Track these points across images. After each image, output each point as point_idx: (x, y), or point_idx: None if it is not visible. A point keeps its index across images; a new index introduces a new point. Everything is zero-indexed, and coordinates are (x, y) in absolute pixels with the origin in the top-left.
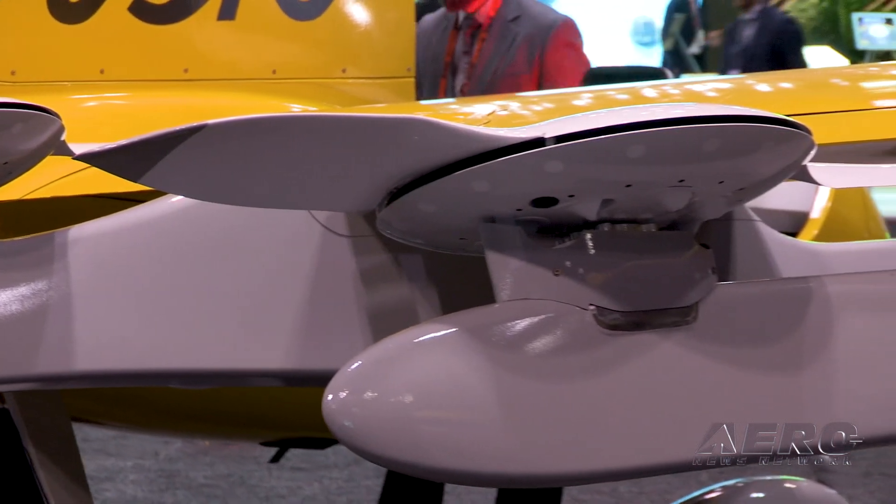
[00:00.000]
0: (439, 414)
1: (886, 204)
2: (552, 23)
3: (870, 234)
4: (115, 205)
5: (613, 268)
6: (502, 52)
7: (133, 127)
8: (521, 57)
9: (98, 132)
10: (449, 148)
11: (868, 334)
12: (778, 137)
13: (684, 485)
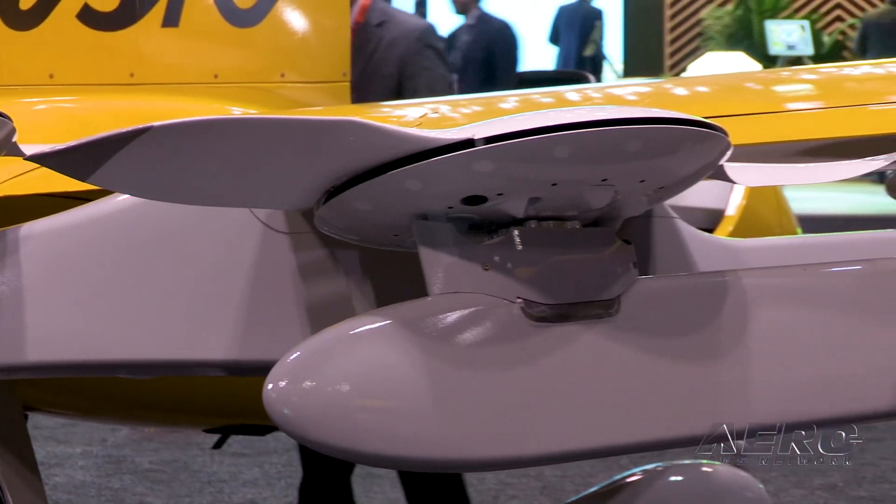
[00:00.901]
0: (374, 402)
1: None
2: (415, 28)
3: (782, 230)
4: (65, 203)
5: (540, 262)
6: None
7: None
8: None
9: (48, 134)
10: (383, 149)
11: (782, 326)
12: (696, 138)
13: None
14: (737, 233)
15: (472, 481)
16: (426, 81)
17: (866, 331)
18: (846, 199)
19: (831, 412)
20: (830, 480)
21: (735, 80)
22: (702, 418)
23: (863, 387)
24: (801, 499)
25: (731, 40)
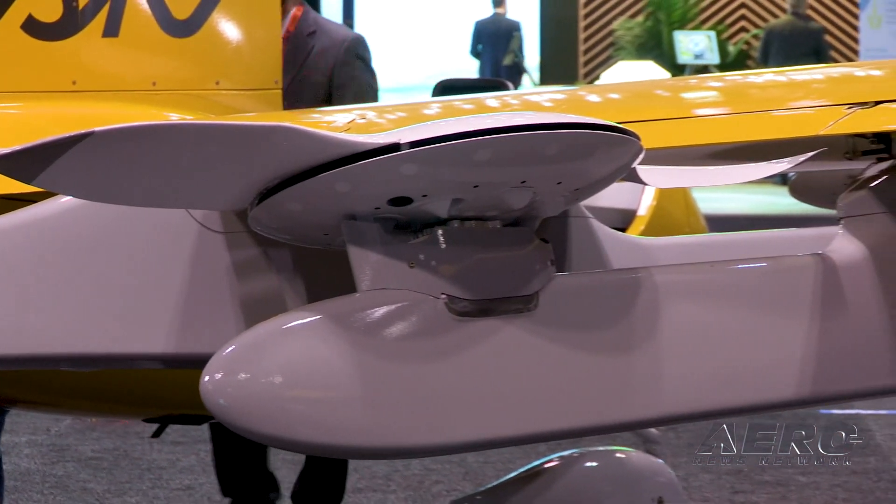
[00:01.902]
0: (305, 393)
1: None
2: (344, 38)
3: (691, 229)
4: (10, 205)
5: (462, 260)
6: (300, 63)
7: (26, 134)
8: (317, 67)
9: None
10: (314, 152)
11: (691, 319)
12: (610, 142)
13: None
14: (648, 232)
15: (398, 467)
16: (354, 90)
17: (770, 324)
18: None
19: (739, 402)
20: (737, 466)
21: (645, 87)
22: (616, 408)
23: (768, 377)
24: (709, 483)
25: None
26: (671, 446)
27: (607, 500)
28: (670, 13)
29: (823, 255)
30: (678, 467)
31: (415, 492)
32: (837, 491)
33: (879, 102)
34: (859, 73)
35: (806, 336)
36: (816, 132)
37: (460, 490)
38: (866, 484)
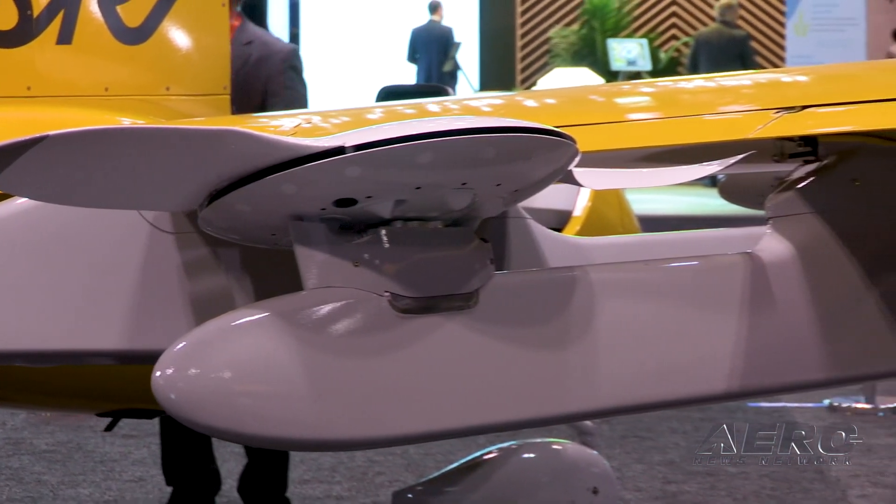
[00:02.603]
0: (253, 387)
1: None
2: (280, 50)
3: (624, 229)
4: None
5: (405, 259)
6: (235, 71)
7: None
8: (253, 76)
9: None
10: (262, 156)
11: (625, 316)
12: (547, 146)
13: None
14: (583, 232)
15: (342, 459)
16: (287, 98)
17: (701, 320)
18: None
19: (671, 395)
20: (668, 457)
21: (581, 93)
22: (553, 401)
23: (699, 372)
24: (641, 473)
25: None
26: (605, 438)
27: (544, 489)
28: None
29: (752, 254)
30: (612, 458)
31: (359, 482)
32: (765, 480)
33: (806, 107)
34: (786, 79)
35: (735, 332)
36: (745, 136)
37: (402, 481)
38: (792, 474)
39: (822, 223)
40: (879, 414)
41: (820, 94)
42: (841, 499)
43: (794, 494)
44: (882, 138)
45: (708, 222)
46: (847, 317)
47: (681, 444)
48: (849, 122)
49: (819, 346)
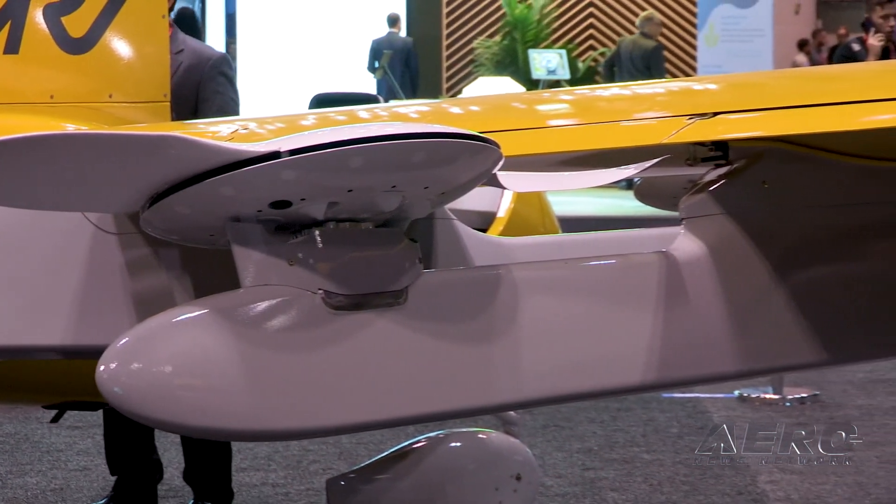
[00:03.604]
0: (193, 381)
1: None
2: (210, 57)
3: (545, 229)
4: None
5: (338, 258)
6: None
7: None
8: (184, 83)
9: None
10: (201, 160)
11: (547, 312)
12: (472, 150)
13: (395, 437)
14: (507, 232)
15: (278, 448)
16: (218, 104)
17: (619, 316)
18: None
19: (590, 387)
20: (587, 445)
21: (503, 100)
22: (478, 393)
23: (617, 365)
24: (562, 461)
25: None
26: (527, 427)
27: (470, 477)
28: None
29: (667, 253)
30: (534, 446)
31: (293, 470)
32: (679, 467)
33: (717, 113)
34: (698, 87)
35: (650, 327)
36: (660, 141)
37: (336, 469)
38: (705, 461)
39: (733, 224)
40: (786, 404)
41: (730, 102)
42: (751, 484)
43: (706, 480)
44: (789, 143)
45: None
46: (756, 313)
47: (598, 433)
48: (757, 127)
49: (729, 341)
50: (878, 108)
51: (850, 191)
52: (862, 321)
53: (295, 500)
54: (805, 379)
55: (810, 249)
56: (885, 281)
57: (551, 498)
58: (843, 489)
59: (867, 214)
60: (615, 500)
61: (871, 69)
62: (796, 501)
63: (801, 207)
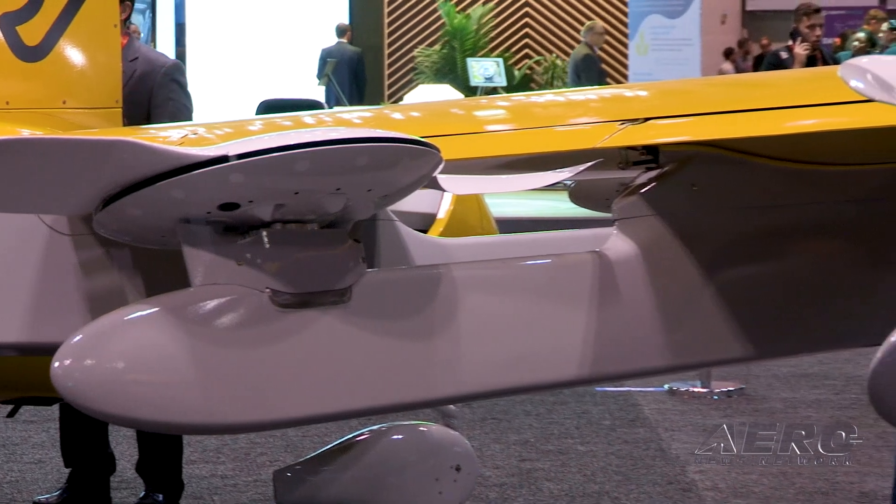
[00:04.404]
0: (144, 376)
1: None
2: (163, 64)
3: (483, 230)
4: None
5: (284, 258)
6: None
7: None
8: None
9: None
10: (152, 164)
11: (485, 309)
12: (414, 154)
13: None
14: (446, 233)
15: (226, 441)
16: (171, 110)
17: (554, 313)
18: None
19: (527, 381)
20: (524, 437)
21: (443, 107)
22: (419, 387)
23: (552, 360)
24: (499, 452)
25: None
26: (466, 420)
27: (411, 468)
28: (463, 42)
29: (600, 253)
30: (473, 438)
31: (242, 463)
32: (611, 458)
33: (648, 119)
34: (629, 93)
35: (584, 323)
36: (593, 145)
37: (282, 461)
38: (636, 452)
39: (663, 224)
40: (714, 397)
41: (660, 108)
42: (680, 474)
43: (637, 471)
44: (717, 147)
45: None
46: (685, 309)
47: (535, 426)
48: (686, 132)
49: (660, 336)
50: (801, 114)
51: (775, 193)
52: (786, 318)
53: (243, 492)
54: (732, 373)
55: (737, 249)
56: (809, 279)
57: (489, 488)
58: (768, 479)
59: (791, 215)
60: (550, 490)
61: (796, 76)
62: (724, 490)
63: (729, 209)
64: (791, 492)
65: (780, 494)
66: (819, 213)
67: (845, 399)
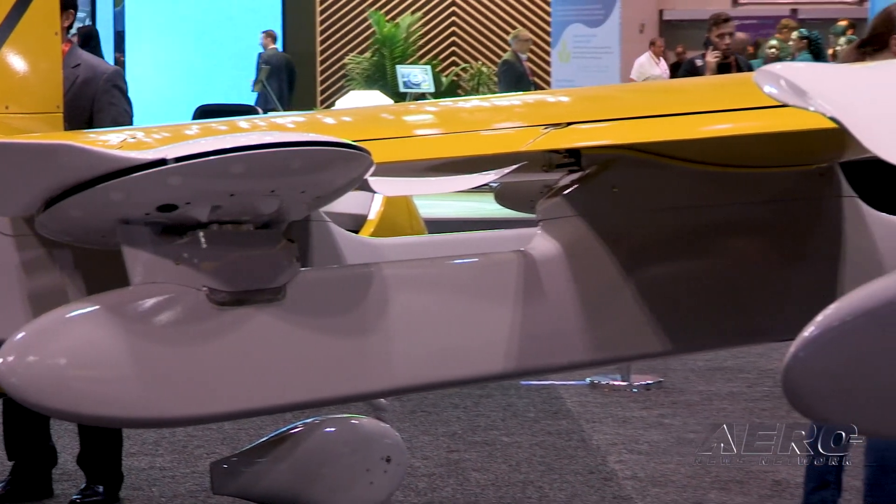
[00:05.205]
0: (86, 372)
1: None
2: (104, 71)
3: (413, 230)
4: None
5: (221, 258)
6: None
7: None
8: (81, 95)
9: None
10: (92, 167)
11: (415, 306)
12: (345, 158)
13: (275, 423)
14: (377, 233)
15: (165, 434)
16: (112, 114)
17: (481, 310)
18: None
19: (455, 375)
20: (451, 429)
21: (374, 112)
22: (352, 382)
23: (479, 355)
24: (428, 443)
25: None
26: (396, 413)
27: (344, 459)
28: (393, 50)
29: (524, 252)
30: (402, 431)
31: (180, 455)
32: (535, 449)
33: (570, 123)
34: (552, 99)
35: (510, 320)
36: (518, 148)
37: (219, 453)
38: (559, 443)
39: (585, 225)
40: (633, 390)
41: (582, 113)
42: (601, 464)
43: (560, 461)
44: (636, 150)
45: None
46: (606, 306)
47: (462, 418)
48: (607, 136)
49: (582, 332)
50: (717, 119)
51: (691, 194)
52: (702, 314)
53: (181, 483)
54: (650, 367)
55: (656, 248)
56: (724, 277)
57: (418, 478)
58: (685, 468)
59: (708, 216)
60: (477, 479)
61: (713, 83)
62: (643, 479)
63: (648, 210)
64: (707, 480)
65: (696, 483)
66: (734, 214)
67: (758, 391)
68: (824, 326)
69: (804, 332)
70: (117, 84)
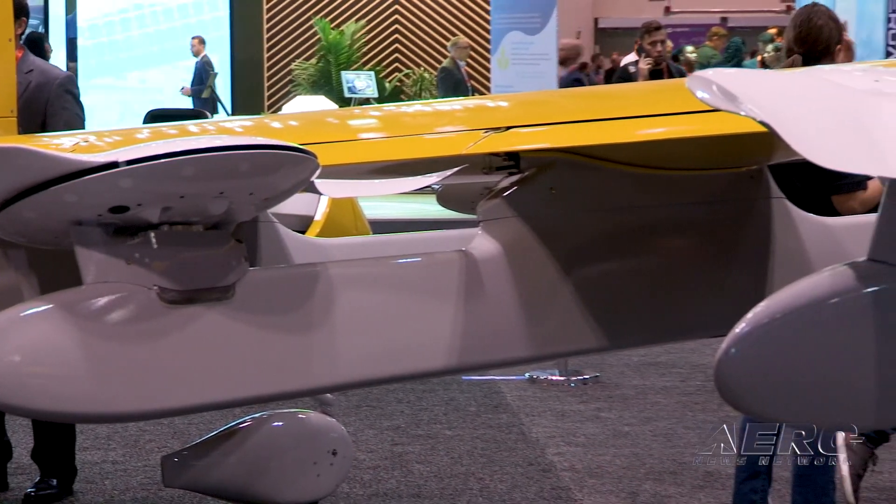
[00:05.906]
0: (40, 369)
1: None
2: (57, 76)
3: (357, 231)
4: None
5: (171, 258)
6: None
7: None
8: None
9: None
10: (46, 169)
11: (360, 304)
12: (292, 161)
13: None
14: (323, 234)
15: (117, 429)
16: (65, 118)
17: (424, 308)
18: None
19: (399, 371)
20: (395, 423)
21: (320, 116)
22: (298, 378)
23: (422, 351)
24: (373, 437)
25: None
26: (342, 407)
27: (291, 452)
28: (338, 56)
29: (465, 252)
30: (348, 424)
31: (132, 449)
32: (477, 442)
33: (510, 128)
34: (492, 104)
35: (452, 317)
36: (459, 151)
37: (170, 447)
38: (500, 436)
39: (525, 225)
40: (571, 385)
41: (521, 117)
42: (540, 456)
43: (500, 453)
44: (573, 154)
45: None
46: (545, 304)
47: (405, 412)
48: (545, 140)
49: (522, 329)
50: (652, 123)
51: (627, 195)
52: (637, 311)
53: (133, 476)
54: (587, 362)
55: (592, 247)
56: (658, 275)
57: (363, 471)
58: (621, 460)
59: (642, 216)
60: (420, 471)
61: (648, 88)
62: (580, 471)
63: (585, 210)
64: (642, 471)
65: (631, 474)
66: (668, 214)
67: (691, 385)
68: (754, 323)
69: (735, 329)
70: (70, 89)
